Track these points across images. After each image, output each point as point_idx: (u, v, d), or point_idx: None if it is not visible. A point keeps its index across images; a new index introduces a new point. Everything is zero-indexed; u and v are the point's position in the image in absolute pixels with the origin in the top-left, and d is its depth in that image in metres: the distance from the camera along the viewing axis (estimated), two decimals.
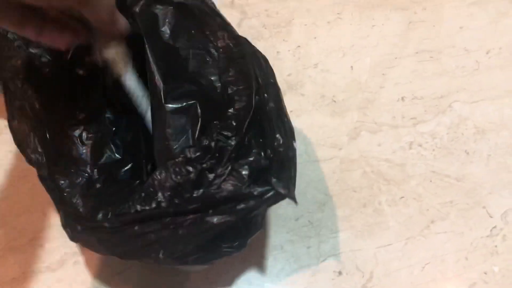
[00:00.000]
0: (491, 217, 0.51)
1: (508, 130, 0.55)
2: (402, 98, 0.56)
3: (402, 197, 0.51)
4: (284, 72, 0.57)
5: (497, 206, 0.51)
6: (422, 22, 0.61)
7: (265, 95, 0.39)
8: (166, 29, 0.39)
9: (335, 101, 0.55)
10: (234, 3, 0.60)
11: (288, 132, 0.39)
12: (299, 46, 0.58)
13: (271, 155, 0.36)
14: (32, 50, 0.40)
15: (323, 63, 0.57)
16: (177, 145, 0.38)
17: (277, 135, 0.37)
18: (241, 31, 0.56)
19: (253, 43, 0.55)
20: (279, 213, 0.50)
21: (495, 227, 0.50)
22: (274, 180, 0.34)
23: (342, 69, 0.57)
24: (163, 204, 0.34)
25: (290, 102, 0.55)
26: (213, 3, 0.43)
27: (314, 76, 0.56)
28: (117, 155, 0.44)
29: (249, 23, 0.59)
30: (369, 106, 0.55)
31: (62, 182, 0.39)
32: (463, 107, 0.56)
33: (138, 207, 0.34)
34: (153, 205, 0.34)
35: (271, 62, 0.55)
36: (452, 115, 0.56)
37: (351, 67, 0.57)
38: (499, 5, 0.63)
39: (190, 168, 0.35)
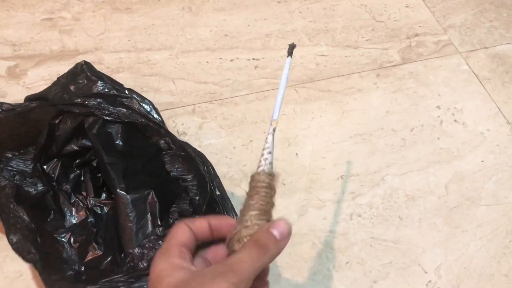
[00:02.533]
0: (426, 272, 0.58)
1: (435, 195, 0.64)
2: (341, 176, 0.65)
3: (347, 263, 0.59)
4: (240, 163, 0.66)
5: (430, 262, 0.59)
6: (354, 110, 0.72)
7: (213, 183, 0.48)
8: (119, 142, 0.50)
9: (284, 184, 0.64)
10: (195, 110, 0.72)
11: (234, 214, 0.48)
12: (251, 141, 0.68)
13: None
14: (19, 182, 0.51)
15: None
16: (139, 226, 0.47)
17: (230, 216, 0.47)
18: (202, 132, 0.66)
19: (212, 141, 0.66)
20: None
21: (429, 281, 0.58)
22: None
23: (289, 156, 0.67)
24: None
25: (245, 188, 0.64)
26: (159, 119, 0.54)
27: None
28: (99, 251, 0.53)
29: (209, 126, 0.70)
30: (314, 186, 0.64)
31: (54, 276, 0.47)
32: (394, 179, 0.65)
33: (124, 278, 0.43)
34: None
35: (228, 156, 0.65)
36: (385, 186, 0.65)
37: (296, 154, 0.67)
38: (418, 90, 0.74)
39: (161, 242, 0.44)
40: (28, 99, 0.56)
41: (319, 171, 0.66)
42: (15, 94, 0.72)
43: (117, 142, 0.51)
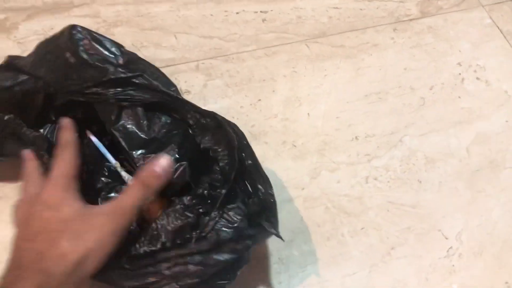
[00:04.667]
0: (447, 238, 0.55)
1: (455, 158, 0.61)
2: (356, 138, 0.62)
3: (363, 228, 0.56)
4: (248, 124, 0.62)
5: (451, 228, 0.56)
6: (369, 67, 0.67)
7: (243, 154, 0.45)
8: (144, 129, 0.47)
9: (295, 146, 0.61)
10: (199, 67, 0.67)
11: (267, 183, 0.45)
12: (259, 100, 0.64)
13: (257, 202, 0.44)
14: None
15: (282, 113, 0.63)
16: None
17: (259, 186, 0.44)
18: (207, 91, 0.62)
19: (218, 101, 0.62)
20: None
21: (451, 247, 0.55)
22: (265, 222, 0.43)
23: (300, 117, 0.63)
24: (167, 244, 0.40)
25: (255, 150, 0.60)
26: (178, 92, 0.51)
27: (275, 125, 0.62)
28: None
29: (214, 84, 0.66)
30: (327, 148, 0.61)
31: None
32: (412, 141, 0.62)
33: (146, 248, 0.40)
34: (158, 245, 0.40)
35: (236, 116, 0.61)
36: (403, 148, 0.61)
37: (308, 114, 0.63)
38: (438, 46, 0.70)
39: (188, 213, 0.41)
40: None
41: (332, 132, 0.62)
42: (6, 50, 0.67)
43: (141, 133, 0.48)
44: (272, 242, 0.55)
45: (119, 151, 0.49)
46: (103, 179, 0.49)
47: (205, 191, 0.45)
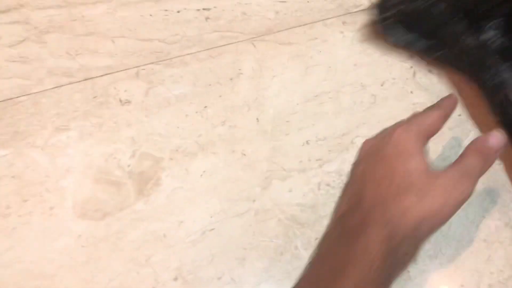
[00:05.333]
0: None
1: None
2: (307, 142, 0.59)
3: (317, 238, 0.54)
4: (194, 134, 0.59)
5: None
6: (318, 65, 0.65)
7: None
8: None
9: (245, 154, 0.58)
10: (139, 73, 0.63)
11: None
12: (205, 107, 0.61)
13: None
14: None
15: (230, 120, 0.60)
16: None
17: None
18: (149, 100, 0.59)
19: (161, 110, 0.58)
20: (201, 275, 0.52)
21: None
22: None
23: (249, 123, 0.60)
24: None
25: (202, 163, 0.58)
26: None
27: (223, 133, 0.59)
28: None
29: (156, 91, 0.62)
30: (277, 154, 0.58)
31: None
32: None
33: None
34: None
35: (180, 127, 0.58)
36: (355, 150, 0.59)
37: (257, 119, 0.60)
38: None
39: None
40: None
41: (282, 137, 0.60)
42: None
43: None
44: (223, 261, 0.53)
45: None
46: None
47: None
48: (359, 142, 0.58)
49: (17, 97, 0.62)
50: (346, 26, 0.69)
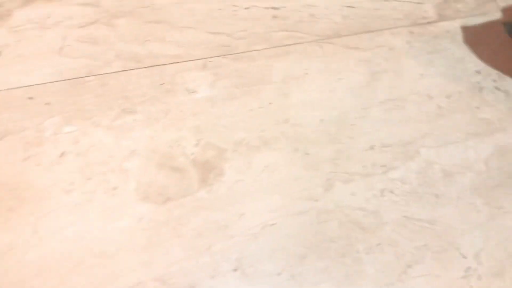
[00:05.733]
0: (465, 257, 0.53)
1: (473, 172, 0.59)
2: (371, 147, 0.59)
3: (379, 244, 0.53)
4: (257, 128, 0.59)
5: (469, 246, 0.54)
6: (385, 72, 0.65)
7: None
8: None
9: (308, 154, 0.58)
10: (206, 65, 0.64)
11: None
12: (270, 103, 0.61)
13: None
14: None
15: (294, 118, 0.60)
16: None
17: None
18: (214, 92, 0.59)
19: (226, 103, 0.58)
20: (261, 269, 0.51)
21: (469, 267, 0.53)
22: None
23: (313, 122, 0.60)
24: None
25: (265, 158, 0.58)
26: None
27: (287, 131, 0.59)
28: None
29: (222, 84, 0.62)
30: (340, 157, 0.58)
31: None
32: (429, 152, 0.59)
33: None
34: None
35: (244, 120, 0.58)
36: (419, 160, 0.59)
37: (321, 120, 0.60)
38: (455, 52, 0.67)
39: None
40: None
41: (346, 140, 0.60)
42: None
43: None
44: (283, 257, 0.52)
45: None
46: None
47: None
48: (424, 152, 0.58)
49: (85, 76, 0.63)
50: (414, 37, 0.69)
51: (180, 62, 0.64)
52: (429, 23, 0.70)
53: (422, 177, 0.58)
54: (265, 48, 0.66)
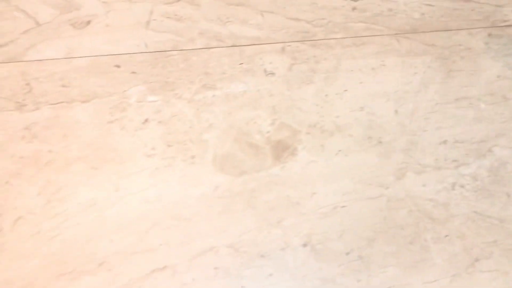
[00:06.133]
0: None
1: None
2: (444, 142, 0.60)
3: (447, 236, 0.54)
4: (332, 114, 0.61)
5: None
6: (461, 71, 0.65)
7: None
8: None
9: (381, 142, 0.59)
10: (285, 49, 0.66)
11: None
12: (346, 90, 0.63)
13: None
14: None
15: (369, 107, 0.62)
16: None
17: None
18: (291, 75, 0.61)
19: (302, 87, 0.60)
20: (330, 247, 0.53)
21: None
22: None
23: (387, 112, 0.61)
24: None
25: (339, 142, 0.59)
26: None
27: (361, 118, 0.61)
28: None
29: (299, 68, 0.64)
30: (413, 148, 0.59)
31: None
32: (503, 151, 0.60)
33: None
34: None
35: (319, 105, 0.60)
36: (492, 158, 0.59)
37: (396, 111, 0.61)
38: None
39: None
40: None
41: (420, 132, 0.60)
42: (89, 9, 0.67)
43: None
44: (352, 239, 0.54)
45: None
46: None
47: None
48: (497, 151, 0.58)
49: (169, 50, 0.66)
50: (492, 39, 0.69)
51: (260, 44, 0.66)
52: (508, 26, 0.70)
53: (493, 175, 0.58)
54: (343, 38, 0.68)
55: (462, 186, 0.57)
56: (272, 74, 0.64)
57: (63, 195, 0.55)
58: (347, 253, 0.53)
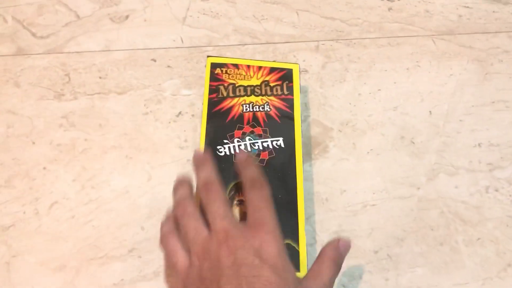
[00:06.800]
0: None
1: None
2: (479, 144, 0.59)
3: (479, 239, 0.54)
4: (365, 113, 0.61)
5: None
6: (498, 73, 0.64)
7: None
8: None
9: (413, 143, 0.59)
10: (319, 47, 0.66)
11: None
12: (379, 90, 0.63)
13: None
14: None
15: (403, 107, 0.61)
16: None
17: None
18: (325, 73, 0.61)
19: (336, 84, 0.60)
20: (358, 245, 0.53)
21: None
22: None
23: (421, 113, 0.61)
24: None
25: (370, 141, 0.59)
26: None
27: (394, 118, 0.61)
28: None
29: (333, 66, 0.65)
30: (447, 150, 0.59)
31: None
32: None
33: None
34: None
35: (352, 103, 0.60)
36: None
37: (430, 112, 0.61)
38: None
39: None
40: None
41: (454, 134, 0.60)
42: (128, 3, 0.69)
43: None
44: (381, 237, 0.54)
45: None
46: None
47: None
48: None
49: (204, 46, 0.67)
50: None
51: (294, 42, 0.67)
52: None
53: None
54: (377, 37, 0.68)
55: (496, 190, 0.56)
56: (305, 71, 0.65)
57: (97, 182, 0.56)
58: (376, 252, 0.53)
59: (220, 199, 0.41)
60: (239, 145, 0.50)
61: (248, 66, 0.55)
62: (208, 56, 0.56)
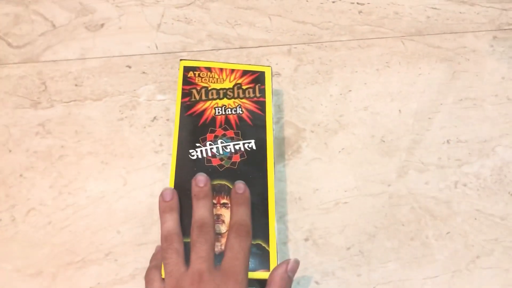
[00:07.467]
0: None
1: None
2: (448, 141, 0.61)
3: (448, 233, 0.55)
4: (336, 113, 0.63)
5: None
6: (466, 72, 0.66)
7: None
8: None
9: (384, 141, 0.61)
10: (291, 51, 0.68)
11: None
12: (350, 91, 0.64)
13: None
14: None
15: (373, 106, 0.63)
16: None
17: None
18: (297, 75, 0.63)
19: (307, 87, 0.62)
20: (331, 242, 0.54)
21: None
22: None
23: (391, 112, 0.63)
24: None
25: (342, 141, 0.61)
26: None
27: (365, 118, 0.62)
28: None
29: (305, 69, 0.66)
30: (416, 147, 0.60)
31: None
32: (506, 151, 0.60)
33: None
34: None
35: (324, 104, 0.61)
36: (495, 158, 0.60)
37: (399, 110, 0.63)
38: None
39: None
40: None
41: (423, 132, 0.62)
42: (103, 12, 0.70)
43: None
44: (353, 234, 0.55)
45: None
46: None
47: None
48: (501, 151, 0.59)
49: (179, 52, 0.68)
50: (497, 41, 0.70)
51: (267, 46, 0.69)
52: None
53: (496, 175, 0.59)
54: (348, 40, 0.69)
55: (464, 185, 0.58)
56: (278, 74, 0.66)
57: (73, 188, 0.57)
58: (348, 248, 0.54)
59: (207, 242, 0.43)
60: (211, 148, 0.51)
61: (221, 69, 0.56)
62: (181, 60, 0.57)
